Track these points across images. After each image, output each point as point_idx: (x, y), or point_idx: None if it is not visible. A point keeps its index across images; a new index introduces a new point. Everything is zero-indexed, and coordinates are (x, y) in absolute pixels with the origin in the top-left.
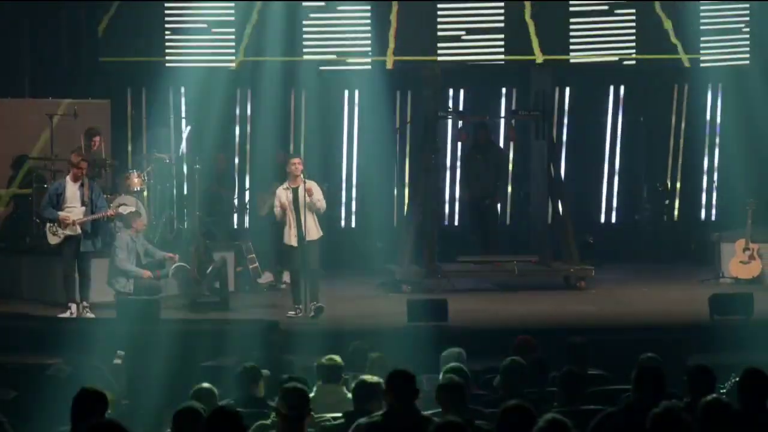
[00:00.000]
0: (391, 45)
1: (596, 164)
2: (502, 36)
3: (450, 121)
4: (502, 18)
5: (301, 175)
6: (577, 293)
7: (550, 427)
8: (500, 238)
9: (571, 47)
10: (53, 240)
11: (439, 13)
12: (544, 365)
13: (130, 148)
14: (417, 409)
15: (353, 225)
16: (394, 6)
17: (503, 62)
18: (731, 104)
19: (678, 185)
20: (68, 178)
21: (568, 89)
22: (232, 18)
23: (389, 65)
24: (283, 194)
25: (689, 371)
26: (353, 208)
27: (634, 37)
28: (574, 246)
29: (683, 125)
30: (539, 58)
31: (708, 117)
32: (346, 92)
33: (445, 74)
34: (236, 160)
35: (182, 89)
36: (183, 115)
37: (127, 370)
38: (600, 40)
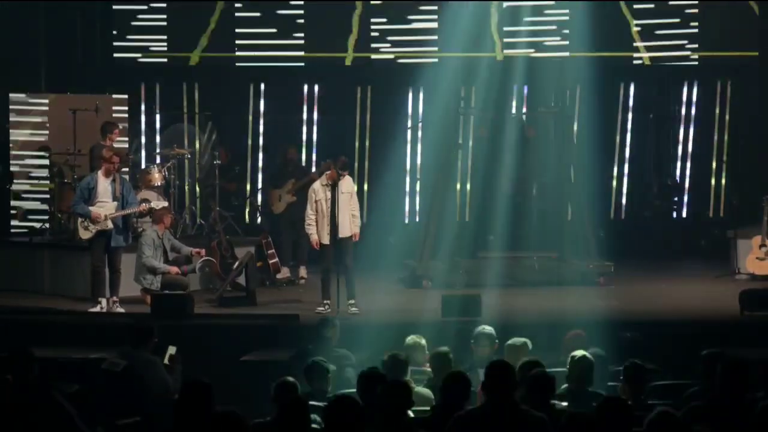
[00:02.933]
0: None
1: (606, 161)
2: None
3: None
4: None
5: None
6: (598, 289)
7: (661, 420)
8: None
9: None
10: (85, 235)
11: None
12: (605, 359)
13: (144, 142)
14: (516, 401)
15: (365, 220)
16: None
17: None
18: (742, 100)
19: (687, 182)
20: (99, 173)
21: (578, 86)
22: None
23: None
24: (320, 191)
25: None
26: (365, 204)
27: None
28: (593, 242)
29: (692, 122)
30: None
31: (717, 113)
32: (359, 88)
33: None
34: (249, 156)
35: (196, 85)
36: (196, 110)
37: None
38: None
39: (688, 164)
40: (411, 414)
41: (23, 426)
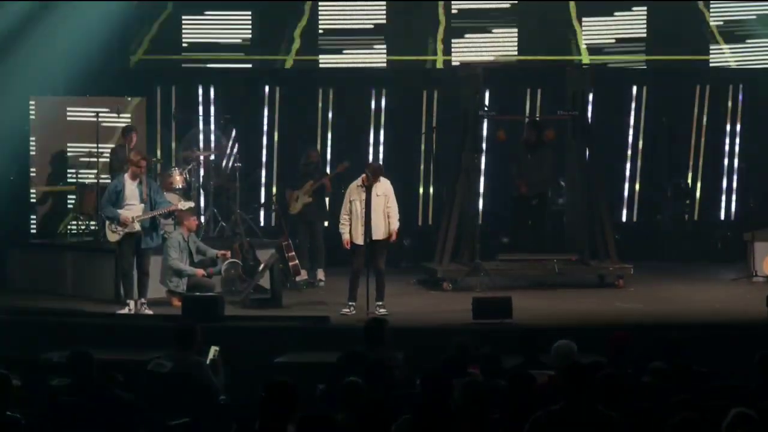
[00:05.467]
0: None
1: (618, 164)
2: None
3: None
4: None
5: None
6: (618, 291)
7: (739, 422)
8: (544, 238)
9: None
10: (113, 237)
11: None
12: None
13: (158, 145)
14: (595, 403)
15: None
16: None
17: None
18: (754, 104)
19: (699, 185)
20: (126, 176)
21: (592, 89)
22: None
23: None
24: (355, 192)
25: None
26: None
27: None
28: (613, 244)
29: (704, 125)
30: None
31: (729, 117)
32: (374, 91)
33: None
34: (263, 159)
35: (211, 88)
36: (212, 113)
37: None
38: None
39: (700, 168)
40: None
41: (88, 427)
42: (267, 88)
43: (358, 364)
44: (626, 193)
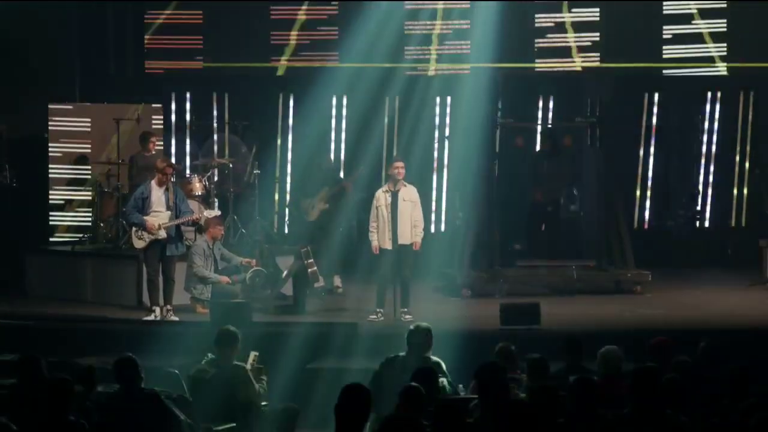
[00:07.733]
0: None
1: (629, 170)
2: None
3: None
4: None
5: (403, 180)
6: (638, 297)
7: None
8: (559, 244)
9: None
10: (139, 244)
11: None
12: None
13: (173, 151)
14: (662, 406)
15: None
16: None
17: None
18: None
19: (709, 191)
20: (153, 182)
21: (605, 96)
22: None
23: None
24: (382, 197)
25: None
26: None
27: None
28: (630, 251)
29: (716, 131)
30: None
31: (740, 123)
32: (387, 98)
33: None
34: (278, 165)
35: (226, 94)
36: (226, 119)
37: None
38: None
39: (711, 174)
40: None
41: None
42: (281, 95)
43: (401, 369)
44: (637, 200)
